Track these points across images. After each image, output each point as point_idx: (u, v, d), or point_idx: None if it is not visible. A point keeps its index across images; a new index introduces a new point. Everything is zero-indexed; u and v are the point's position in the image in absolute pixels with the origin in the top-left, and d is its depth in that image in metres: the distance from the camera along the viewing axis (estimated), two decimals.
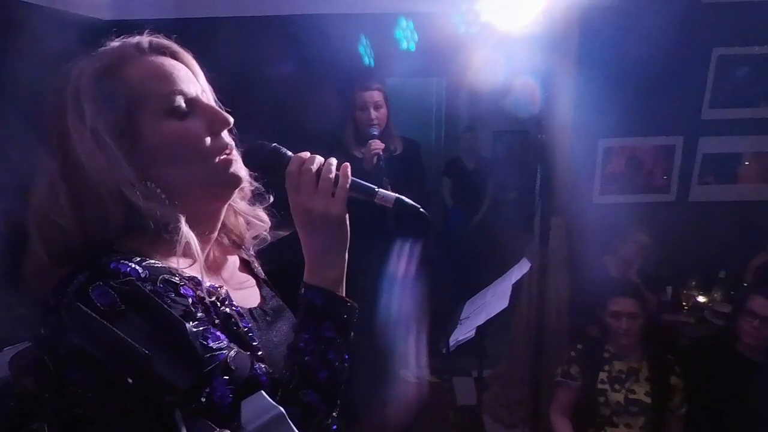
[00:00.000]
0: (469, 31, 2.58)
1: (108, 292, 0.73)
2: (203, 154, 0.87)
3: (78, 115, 0.81)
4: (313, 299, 0.89)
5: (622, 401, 2.01)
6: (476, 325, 2.09)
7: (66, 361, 0.72)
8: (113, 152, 0.81)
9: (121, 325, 0.72)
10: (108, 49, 0.86)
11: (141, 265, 0.79)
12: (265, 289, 1.07)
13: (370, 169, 2.44)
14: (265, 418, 0.59)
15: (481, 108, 3.41)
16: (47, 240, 0.85)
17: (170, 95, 0.85)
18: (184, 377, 0.72)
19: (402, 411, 2.48)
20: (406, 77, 3.14)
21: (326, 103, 2.70)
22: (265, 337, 0.93)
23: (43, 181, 0.85)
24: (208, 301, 0.85)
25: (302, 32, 2.86)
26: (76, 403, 0.73)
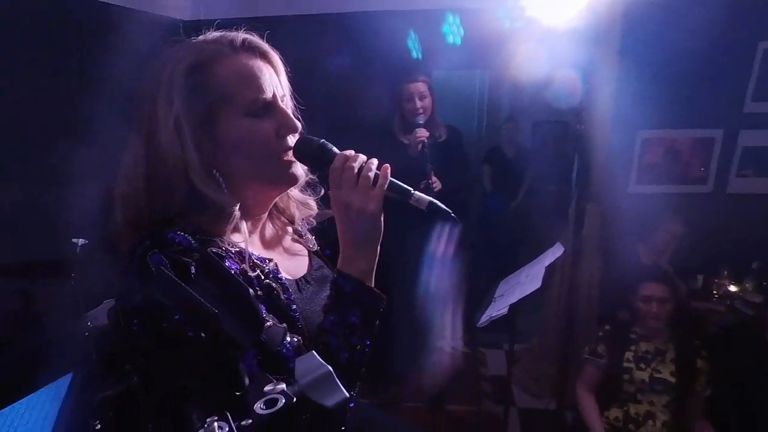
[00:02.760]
0: (513, 26, 2.53)
1: (162, 259, 0.77)
2: (269, 153, 0.90)
3: (167, 102, 0.83)
4: (344, 286, 0.90)
5: (646, 379, 1.96)
6: (509, 303, 2.09)
7: (130, 314, 0.78)
8: (189, 140, 0.84)
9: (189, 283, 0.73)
10: (204, 43, 0.88)
11: (194, 237, 0.83)
12: (315, 260, 1.09)
13: (415, 155, 2.48)
14: (316, 374, 0.59)
15: (522, 99, 3.36)
16: (125, 210, 0.89)
17: (252, 98, 0.87)
18: (247, 336, 0.74)
19: (437, 377, 2.53)
20: (451, 70, 3.11)
21: (377, 95, 2.74)
22: (308, 306, 0.95)
23: (129, 158, 0.89)
24: (251, 274, 0.87)
25: (356, 29, 2.90)
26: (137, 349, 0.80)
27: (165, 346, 0.77)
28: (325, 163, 0.90)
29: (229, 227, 0.91)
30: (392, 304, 0.99)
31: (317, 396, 0.56)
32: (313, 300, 0.98)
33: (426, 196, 0.90)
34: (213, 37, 0.89)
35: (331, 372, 0.59)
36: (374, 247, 0.93)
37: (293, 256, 1.07)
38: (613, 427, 1.98)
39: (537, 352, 2.86)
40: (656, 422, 1.92)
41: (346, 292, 0.90)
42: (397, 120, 2.64)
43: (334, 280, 0.92)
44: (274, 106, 0.90)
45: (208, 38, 0.89)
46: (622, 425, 1.97)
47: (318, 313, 0.95)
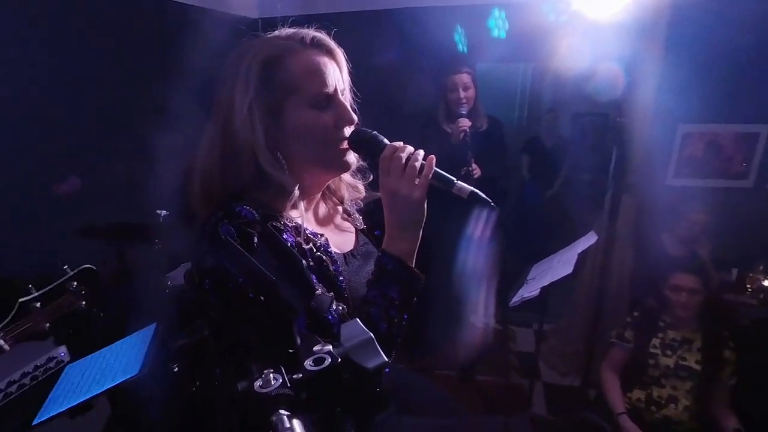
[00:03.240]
0: (558, 19, 2.44)
1: (230, 229, 0.82)
2: (327, 142, 0.93)
3: (244, 89, 0.87)
4: (387, 264, 0.92)
5: (671, 365, 1.91)
6: (541, 285, 2.08)
7: (203, 275, 0.83)
8: (259, 125, 0.88)
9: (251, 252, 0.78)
10: (278, 38, 0.92)
11: (257, 212, 0.87)
12: (361, 237, 1.12)
13: (457, 143, 2.47)
14: (359, 339, 0.60)
15: (563, 91, 3.22)
16: (202, 183, 0.95)
17: (317, 92, 0.90)
18: (300, 299, 0.77)
19: (469, 349, 2.55)
20: (495, 62, 3.01)
21: (423, 86, 2.73)
22: (354, 278, 0.98)
23: (208, 138, 0.94)
24: (305, 247, 0.91)
25: (406, 24, 2.87)
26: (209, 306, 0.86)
27: (230, 305, 0.81)
28: (376, 153, 0.93)
29: (288, 204, 0.94)
30: (431, 280, 1.02)
31: (359, 358, 0.58)
32: (358, 273, 1.01)
33: (467, 185, 0.92)
34: (286, 34, 0.92)
35: (372, 338, 0.60)
36: (417, 231, 0.94)
37: (342, 233, 1.10)
38: (635, 407, 1.94)
39: (565, 333, 2.81)
40: (678, 406, 1.87)
41: (388, 270, 0.92)
42: (442, 109, 2.63)
43: (379, 258, 0.94)
44: (335, 100, 0.93)
45: (282, 34, 0.93)
46: (644, 406, 1.93)
47: (362, 285, 0.98)
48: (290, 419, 0.50)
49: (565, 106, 3.34)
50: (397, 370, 1.31)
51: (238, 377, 0.56)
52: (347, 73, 0.98)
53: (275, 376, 0.54)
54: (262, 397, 0.53)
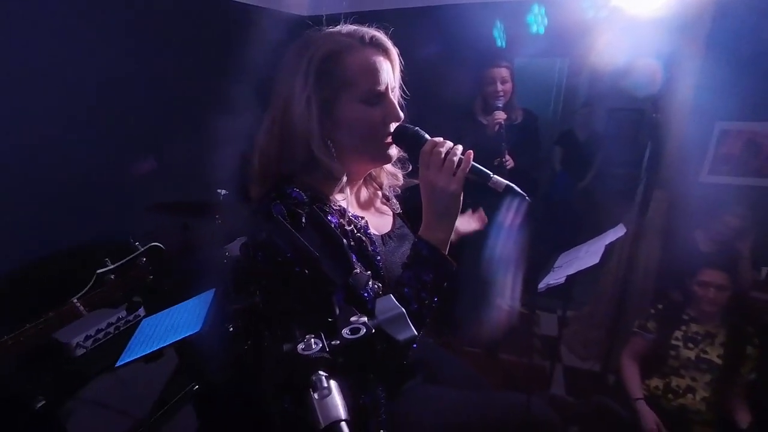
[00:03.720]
0: (597, 15, 2.31)
1: (281, 209, 0.84)
2: (374, 136, 0.94)
3: (303, 81, 0.88)
4: (422, 249, 0.93)
5: (692, 358, 1.82)
6: (567, 274, 2.03)
7: (256, 249, 0.86)
8: (314, 115, 0.89)
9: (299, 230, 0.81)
10: (339, 35, 0.92)
11: (306, 194, 0.89)
12: (398, 220, 1.13)
13: (492, 134, 2.42)
14: (392, 313, 0.61)
15: (599, 86, 3.04)
16: (260, 164, 0.97)
17: (370, 89, 0.90)
18: (340, 275, 0.80)
19: (495, 329, 2.53)
20: (532, 57, 2.90)
21: (462, 79, 2.66)
22: (390, 258, 0.99)
23: (267, 123, 0.96)
24: (347, 228, 0.93)
25: (448, 19, 2.82)
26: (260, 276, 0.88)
27: (278, 276, 0.84)
28: (417, 147, 0.93)
29: (334, 188, 0.96)
30: (462, 263, 1.02)
31: (391, 330, 0.58)
32: (394, 253, 1.02)
33: (502, 179, 0.91)
34: (347, 30, 0.92)
35: (403, 312, 0.61)
36: (452, 221, 0.94)
37: (381, 216, 1.11)
38: (652, 394, 1.88)
39: (587, 320, 2.73)
40: (696, 396, 1.79)
41: (423, 255, 0.92)
42: (479, 102, 2.57)
43: (415, 243, 0.94)
44: (385, 97, 0.93)
45: (343, 30, 0.92)
46: (661, 394, 1.86)
47: (397, 265, 0.98)
48: (327, 380, 0.51)
49: (601, 100, 3.15)
50: (426, 344, 1.32)
51: (284, 340, 0.57)
52: (399, 72, 0.98)
53: (316, 341, 0.55)
54: (303, 358, 0.54)
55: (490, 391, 1.27)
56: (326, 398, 0.50)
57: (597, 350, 2.56)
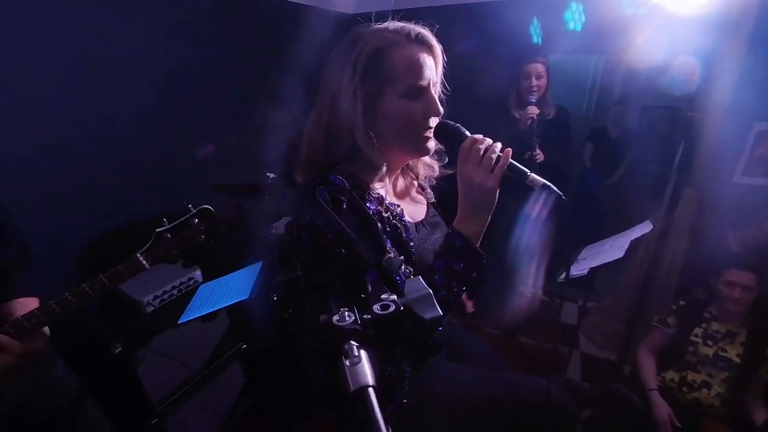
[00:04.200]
0: (636, 12, 2.16)
1: (325, 194, 0.85)
2: (414, 129, 0.93)
3: (351, 75, 0.88)
4: (455, 241, 0.91)
5: (710, 355, 1.72)
6: (590, 266, 1.96)
7: (300, 229, 0.87)
8: (359, 108, 0.89)
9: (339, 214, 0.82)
10: (387, 31, 0.90)
11: (348, 181, 0.89)
12: (431, 209, 1.11)
13: (524, 128, 2.34)
14: (420, 293, 0.60)
15: (634, 84, 2.81)
16: (307, 151, 0.97)
17: (413, 84, 0.89)
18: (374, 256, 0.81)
19: (515, 314, 2.49)
20: (568, 54, 2.71)
21: (496, 75, 2.56)
22: (422, 245, 0.98)
23: (316, 114, 0.95)
24: (384, 215, 0.93)
25: (485, 16, 2.70)
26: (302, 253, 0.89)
27: (319, 255, 0.85)
28: (457, 142, 0.91)
29: (374, 177, 0.96)
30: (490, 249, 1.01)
31: (418, 309, 0.58)
32: (426, 240, 1.01)
33: (539, 178, 0.87)
34: (394, 27, 0.90)
35: (431, 294, 0.60)
36: (487, 215, 0.92)
37: (415, 204, 1.09)
38: (667, 386, 1.80)
39: (607, 312, 2.63)
40: (711, 392, 1.70)
41: (456, 246, 0.91)
42: (513, 96, 2.48)
43: (449, 234, 0.93)
44: (427, 93, 0.91)
45: (390, 27, 0.90)
46: (676, 386, 1.78)
47: (429, 252, 0.98)
48: (358, 349, 0.52)
49: (635, 98, 2.94)
50: (450, 324, 1.32)
51: (321, 311, 0.58)
52: (441, 69, 0.95)
53: (349, 314, 0.56)
54: (337, 328, 0.55)
55: (508, 372, 1.26)
56: (356, 365, 0.50)
57: (615, 341, 2.47)
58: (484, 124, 2.21)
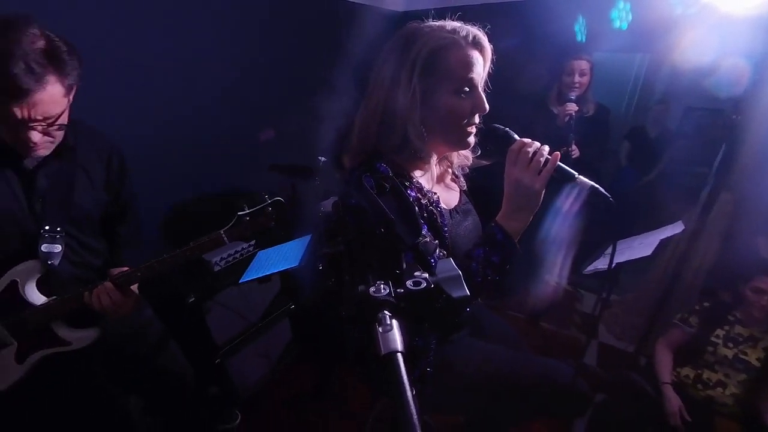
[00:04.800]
0: (685, 12, 1.96)
1: (370, 179, 0.85)
2: (461, 124, 0.91)
3: (410, 72, 0.86)
4: (497, 234, 0.90)
5: (729, 357, 1.61)
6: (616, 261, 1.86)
7: (346, 209, 0.87)
8: (414, 102, 0.87)
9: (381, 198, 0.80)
10: (445, 30, 0.88)
11: (392, 169, 0.89)
12: (463, 196, 1.09)
13: (561, 125, 2.22)
14: (450, 273, 0.60)
15: (678, 84, 2.54)
16: (359, 139, 0.96)
17: (465, 83, 0.87)
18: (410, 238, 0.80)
19: (538, 301, 2.42)
20: (612, 52, 2.50)
21: (537, 71, 2.43)
22: (455, 230, 0.97)
23: (369, 106, 0.94)
24: (423, 201, 0.92)
25: (530, 13, 2.53)
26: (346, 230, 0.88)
27: (361, 232, 0.84)
28: (506, 145, 0.89)
29: (417, 167, 0.96)
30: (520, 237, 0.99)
31: (448, 287, 0.58)
32: (459, 226, 0.99)
33: (588, 180, 0.85)
34: (452, 27, 0.88)
35: (460, 275, 0.60)
36: (530, 215, 0.90)
37: (450, 191, 1.07)
38: (681, 382, 1.69)
39: (629, 306, 2.49)
40: (726, 391, 1.59)
41: (496, 239, 0.90)
42: (554, 91, 2.35)
43: (491, 226, 0.91)
44: (476, 91, 0.89)
45: (448, 27, 0.88)
46: (691, 383, 1.67)
47: (461, 236, 0.97)
48: (390, 319, 0.52)
49: (678, 98, 2.67)
50: (476, 304, 1.31)
51: (359, 282, 0.59)
52: (487, 70, 0.94)
53: (384, 287, 0.57)
54: (373, 299, 0.55)
55: (527, 353, 1.23)
56: (388, 332, 0.51)
57: (634, 333, 2.35)
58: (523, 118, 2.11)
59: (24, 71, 0.90)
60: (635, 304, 2.46)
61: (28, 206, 1.09)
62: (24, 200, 1.08)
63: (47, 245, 1.10)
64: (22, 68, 0.89)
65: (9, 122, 0.95)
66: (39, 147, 1.01)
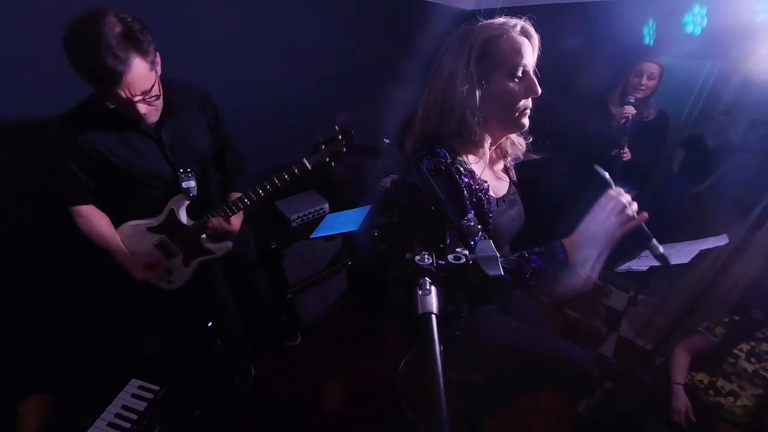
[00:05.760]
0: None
1: (429, 163, 0.84)
2: (515, 107, 0.87)
3: (466, 61, 0.84)
4: (560, 254, 0.85)
5: (749, 371, 1.43)
6: (651, 264, 1.69)
7: (404, 186, 0.87)
8: (470, 89, 0.84)
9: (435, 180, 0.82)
10: (497, 23, 0.86)
11: (449, 154, 0.87)
12: (512, 187, 1.04)
13: (617, 126, 1.98)
14: (488, 253, 0.59)
15: (747, 96, 2.15)
16: (420, 127, 0.94)
17: (517, 67, 0.84)
18: (455, 217, 0.81)
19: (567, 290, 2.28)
20: (680, 57, 2.12)
21: (600, 71, 2.18)
22: (499, 218, 0.94)
23: (431, 94, 0.91)
24: (474, 187, 0.89)
25: (598, 14, 2.25)
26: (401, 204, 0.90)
27: (414, 208, 0.85)
28: (604, 186, 0.85)
29: (472, 151, 0.92)
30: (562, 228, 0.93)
31: (484, 265, 0.57)
32: (503, 214, 0.95)
33: (660, 247, 0.81)
34: (501, 21, 0.86)
35: (497, 255, 0.58)
36: (595, 251, 0.84)
37: (500, 181, 1.03)
38: (695, 386, 1.53)
39: (656, 308, 2.28)
40: (737, 402, 1.42)
41: (558, 258, 0.86)
42: (618, 91, 2.06)
43: (557, 244, 0.87)
44: (527, 75, 0.86)
45: (498, 21, 0.86)
46: (703, 388, 1.51)
47: (504, 223, 0.94)
48: (430, 285, 0.53)
49: (745, 110, 2.23)
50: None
51: (407, 250, 0.58)
52: (537, 55, 0.89)
53: (428, 257, 0.57)
54: (417, 265, 0.56)
55: (548, 333, 1.19)
56: (426, 296, 0.51)
57: (656, 335, 2.16)
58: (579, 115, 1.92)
59: (113, 58, 0.92)
60: (663, 307, 2.24)
61: (164, 157, 1.24)
62: (159, 154, 1.23)
63: (185, 182, 1.28)
64: (110, 55, 0.92)
65: (118, 101, 1.01)
66: (148, 115, 1.10)
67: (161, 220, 1.31)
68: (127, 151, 1.16)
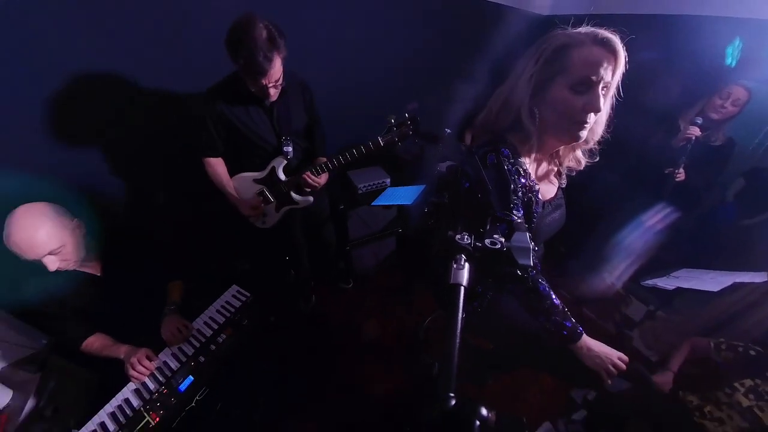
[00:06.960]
0: None
1: (492, 158, 0.80)
2: (572, 120, 0.80)
3: (533, 63, 0.78)
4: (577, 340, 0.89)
5: (743, 405, 1.26)
6: (679, 285, 1.59)
7: (461, 173, 0.84)
8: (529, 89, 0.79)
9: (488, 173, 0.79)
10: (578, 33, 0.77)
11: (512, 154, 0.83)
12: (559, 192, 0.99)
13: (675, 145, 1.78)
14: (521, 244, 0.57)
15: None
16: (482, 121, 0.90)
17: (582, 80, 0.76)
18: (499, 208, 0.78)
19: (589, 292, 2.19)
20: (761, 83, 1.75)
21: (672, 87, 1.91)
22: (542, 219, 0.91)
23: (500, 92, 0.86)
24: (527, 185, 0.85)
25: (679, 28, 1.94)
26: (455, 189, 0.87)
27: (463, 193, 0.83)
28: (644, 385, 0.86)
29: (528, 151, 0.87)
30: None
31: (516, 253, 0.55)
32: (547, 217, 0.91)
33: None
34: (587, 30, 0.76)
35: (530, 247, 0.56)
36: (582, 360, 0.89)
37: (549, 185, 0.97)
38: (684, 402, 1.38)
39: (673, 326, 2.11)
40: (720, 428, 1.27)
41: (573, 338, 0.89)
42: (696, 107, 1.76)
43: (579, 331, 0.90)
44: (592, 90, 0.76)
45: (583, 30, 0.77)
46: (691, 408, 1.34)
47: (546, 224, 0.91)
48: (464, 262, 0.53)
49: None
50: None
51: (450, 228, 0.58)
52: (620, 74, 0.77)
53: (468, 237, 0.56)
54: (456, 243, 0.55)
55: None
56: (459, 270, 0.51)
57: (665, 349, 2.02)
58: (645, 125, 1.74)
59: (264, 59, 1.12)
60: (679, 326, 2.06)
61: (272, 127, 1.46)
62: (269, 124, 1.46)
63: (286, 147, 1.51)
64: (262, 57, 1.11)
65: (258, 87, 1.22)
66: (273, 96, 1.32)
67: (264, 174, 1.56)
68: (248, 120, 1.39)
